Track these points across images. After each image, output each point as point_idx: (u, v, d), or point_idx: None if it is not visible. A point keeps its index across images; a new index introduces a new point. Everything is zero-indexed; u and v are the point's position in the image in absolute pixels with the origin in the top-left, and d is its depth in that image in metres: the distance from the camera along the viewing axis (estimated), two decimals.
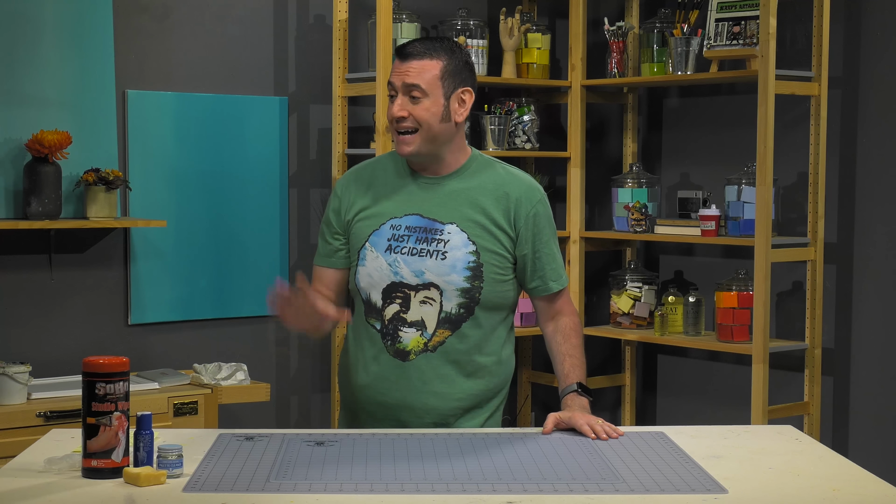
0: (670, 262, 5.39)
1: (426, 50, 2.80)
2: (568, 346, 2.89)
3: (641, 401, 5.51)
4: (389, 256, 2.82)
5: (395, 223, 2.84)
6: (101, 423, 2.33)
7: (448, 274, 2.81)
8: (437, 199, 2.85)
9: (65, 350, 4.28)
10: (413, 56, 2.79)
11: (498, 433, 2.75)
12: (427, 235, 2.82)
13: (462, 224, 2.83)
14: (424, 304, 2.82)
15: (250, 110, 4.67)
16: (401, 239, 2.83)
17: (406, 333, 2.83)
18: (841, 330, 4.78)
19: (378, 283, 2.83)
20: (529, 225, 2.86)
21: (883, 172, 4.64)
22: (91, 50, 4.30)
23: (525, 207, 2.86)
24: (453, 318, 2.83)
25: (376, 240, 2.84)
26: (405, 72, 2.78)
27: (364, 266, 2.84)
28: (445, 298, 2.82)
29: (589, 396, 2.82)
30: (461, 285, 2.81)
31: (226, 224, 4.64)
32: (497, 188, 2.86)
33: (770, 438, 2.76)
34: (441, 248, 2.81)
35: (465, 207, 2.84)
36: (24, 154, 4.11)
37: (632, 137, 5.37)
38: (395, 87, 2.80)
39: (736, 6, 4.65)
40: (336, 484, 2.30)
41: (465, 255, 2.81)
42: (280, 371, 4.78)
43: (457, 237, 2.82)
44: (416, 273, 2.81)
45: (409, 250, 2.82)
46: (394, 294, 2.83)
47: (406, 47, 2.82)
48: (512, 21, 4.97)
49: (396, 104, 2.79)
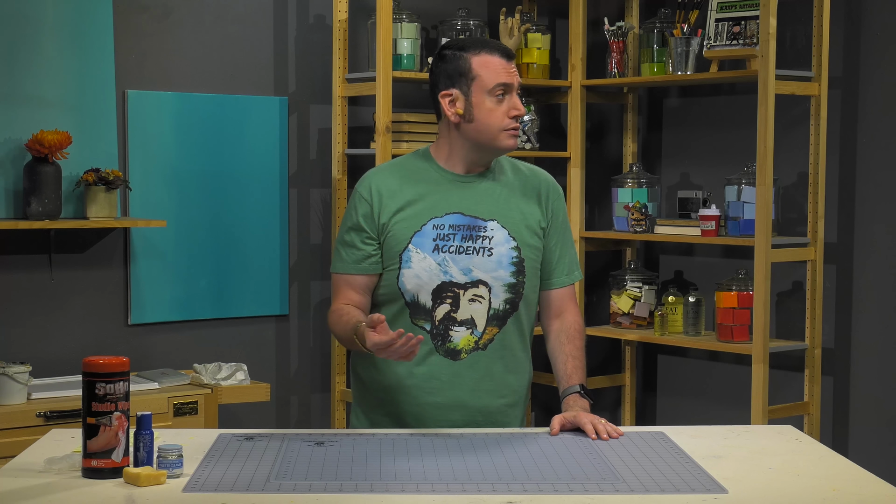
0: (670, 262, 5.39)
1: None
2: (572, 348, 2.92)
3: (641, 401, 5.51)
4: (438, 256, 2.82)
5: (438, 223, 2.84)
6: (101, 423, 2.33)
7: (495, 270, 2.84)
8: (475, 196, 2.87)
9: (65, 350, 4.28)
10: (513, 56, 2.88)
11: (498, 433, 2.75)
12: (472, 233, 2.84)
13: (502, 220, 2.87)
14: (473, 303, 2.84)
15: (250, 110, 4.67)
16: (447, 238, 2.83)
17: (457, 332, 2.84)
18: (841, 330, 4.77)
19: (427, 284, 2.83)
20: (558, 218, 2.94)
21: (883, 172, 4.64)
22: (91, 50, 4.30)
23: (553, 201, 2.94)
24: (500, 315, 2.86)
25: (420, 240, 2.83)
26: (514, 72, 2.85)
27: (410, 268, 2.82)
28: (493, 295, 2.85)
29: (590, 399, 2.83)
30: (508, 281, 2.85)
31: (226, 224, 4.64)
32: (525, 184, 2.93)
33: (770, 438, 2.76)
34: (487, 244, 2.84)
35: (501, 204, 2.88)
36: (24, 154, 4.11)
37: (632, 137, 5.37)
38: (511, 86, 2.84)
39: (736, 6, 4.65)
40: (336, 484, 2.30)
41: (508, 250, 2.85)
42: (280, 371, 4.78)
43: (499, 233, 2.85)
44: (465, 271, 2.83)
45: (456, 248, 2.83)
46: (444, 294, 2.83)
47: (501, 46, 2.87)
48: (512, 21, 4.97)
49: (517, 102, 2.84)
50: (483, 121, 2.83)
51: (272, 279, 4.74)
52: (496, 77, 2.82)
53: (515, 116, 2.83)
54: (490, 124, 2.82)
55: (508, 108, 2.82)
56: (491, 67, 2.82)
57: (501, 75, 2.82)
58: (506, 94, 2.83)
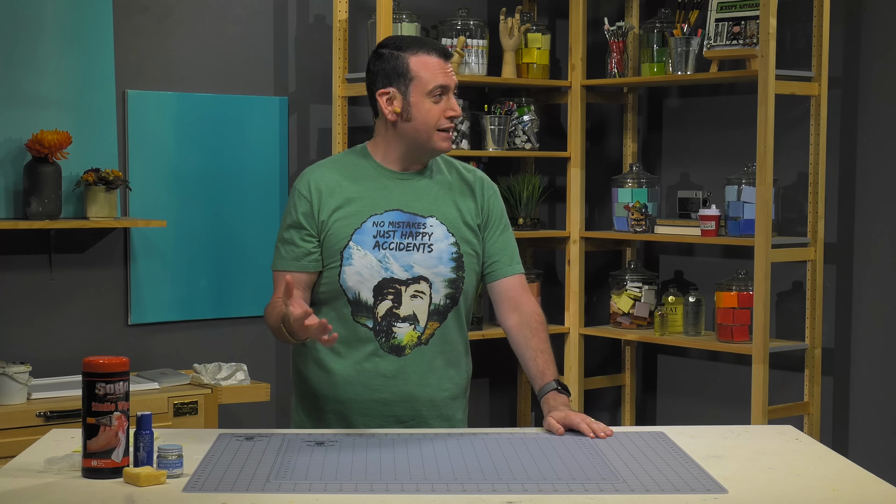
0: (670, 262, 5.39)
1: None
2: (538, 341, 2.91)
3: (641, 401, 5.51)
4: (378, 253, 2.84)
5: (377, 220, 2.86)
6: (101, 423, 2.33)
7: (436, 266, 2.86)
8: (414, 193, 2.89)
9: (65, 350, 4.28)
10: (450, 56, 2.87)
11: (498, 433, 2.75)
12: (411, 230, 2.86)
13: (440, 216, 2.89)
14: (415, 298, 2.85)
15: (250, 110, 4.67)
16: (387, 235, 2.85)
17: (400, 329, 2.85)
18: (841, 330, 4.77)
19: (368, 281, 2.84)
20: (495, 212, 2.96)
21: (883, 172, 4.64)
22: (91, 50, 4.30)
23: (488, 197, 2.96)
24: (441, 310, 2.87)
25: (361, 238, 2.84)
26: (451, 72, 2.86)
27: (351, 265, 2.84)
28: (434, 290, 2.86)
29: (568, 393, 2.85)
30: (448, 276, 2.87)
31: (226, 224, 4.64)
32: (461, 181, 2.95)
33: (770, 438, 2.76)
34: (426, 241, 2.86)
35: (439, 201, 2.90)
36: (24, 154, 4.12)
37: (632, 137, 5.37)
38: (448, 87, 2.85)
39: (736, 6, 4.65)
40: (336, 484, 2.31)
41: (448, 246, 2.87)
42: (280, 371, 4.78)
43: (438, 230, 2.88)
44: (406, 267, 2.85)
45: (396, 245, 2.84)
46: (385, 290, 2.84)
47: (434, 43, 2.87)
48: (512, 21, 4.97)
49: (453, 103, 2.85)
50: (420, 120, 2.84)
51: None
52: (434, 78, 2.83)
53: (451, 117, 2.85)
54: (427, 124, 2.84)
55: (445, 109, 2.84)
56: (429, 68, 2.83)
57: (439, 77, 2.83)
58: (443, 95, 2.84)
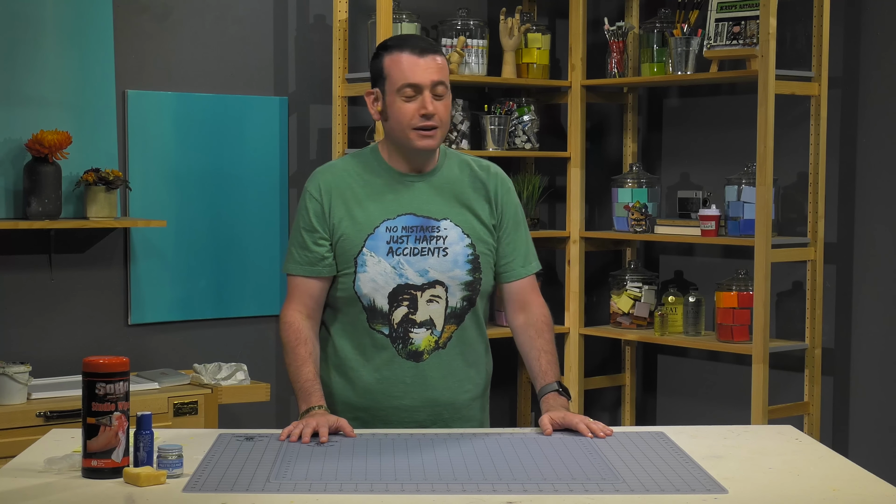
0: (670, 262, 5.39)
1: (433, 46, 2.82)
2: (542, 342, 2.90)
3: (641, 401, 5.51)
4: (392, 259, 2.81)
5: (390, 224, 2.82)
6: (101, 423, 2.33)
7: (451, 270, 2.82)
8: (426, 195, 2.85)
9: (65, 350, 4.28)
10: (431, 51, 2.79)
11: (498, 433, 2.75)
12: (425, 234, 2.82)
13: (454, 219, 2.85)
14: (431, 303, 2.83)
15: (250, 110, 4.68)
16: (400, 240, 2.81)
17: (417, 334, 2.83)
18: (841, 330, 4.77)
19: (383, 288, 2.81)
20: (509, 211, 2.91)
21: (883, 172, 4.64)
22: (91, 50, 4.30)
23: (502, 195, 2.91)
24: (458, 312, 2.85)
25: (374, 244, 2.81)
26: (431, 68, 2.77)
27: (366, 272, 2.81)
28: (450, 294, 2.83)
29: (568, 396, 2.85)
30: (465, 279, 2.84)
31: (226, 224, 4.64)
32: (473, 180, 2.89)
33: (770, 438, 2.76)
34: (441, 244, 2.82)
35: (452, 202, 2.86)
36: (24, 154, 4.12)
37: (632, 137, 5.37)
38: (422, 85, 2.77)
39: (736, 6, 4.65)
40: (336, 484, 2.30)
41: (463, 248, 2.84)
42: (280, 371, 4.78)
43: (453, 232, 2.84)
44: (421, 273, 2.81)
45: (410, 251, 2.81)
46: (401, 297, 2.82)
47: (417, 41, 2.81)
48: (512, 21, 4.97)
49: (429, 101, 2.77)
50: (395, 119, 2.79)
51: (272, 279, 4.74)
52: (402, 77, 2.76)
53: (425, 115, 2.76)
54: (401, 123, 2.78)
55: (419, 107, 2.77)
56: (399, 67, 2.77)
57: (408, 75, 2.76)
58: (418, 94, 2.77)
